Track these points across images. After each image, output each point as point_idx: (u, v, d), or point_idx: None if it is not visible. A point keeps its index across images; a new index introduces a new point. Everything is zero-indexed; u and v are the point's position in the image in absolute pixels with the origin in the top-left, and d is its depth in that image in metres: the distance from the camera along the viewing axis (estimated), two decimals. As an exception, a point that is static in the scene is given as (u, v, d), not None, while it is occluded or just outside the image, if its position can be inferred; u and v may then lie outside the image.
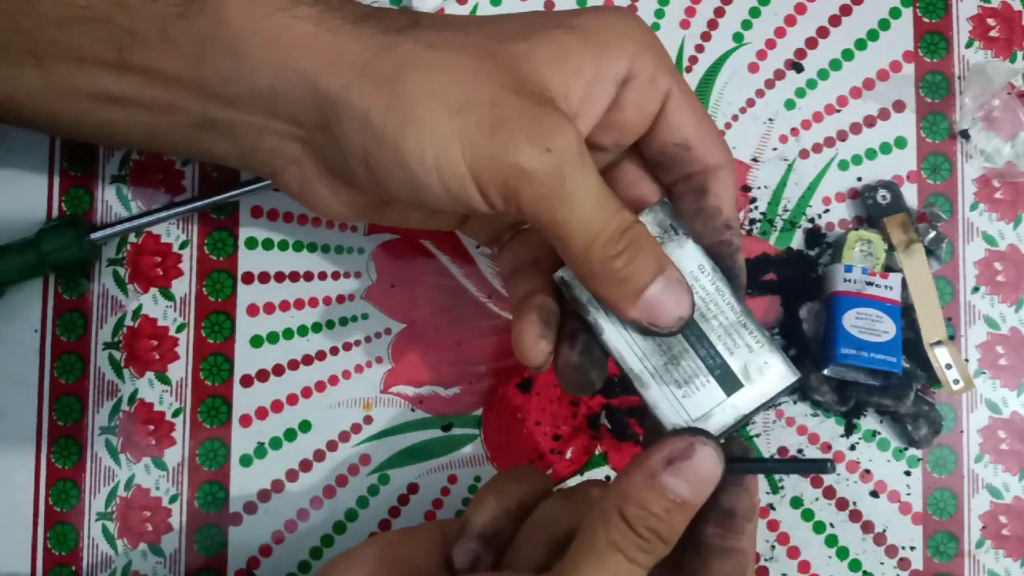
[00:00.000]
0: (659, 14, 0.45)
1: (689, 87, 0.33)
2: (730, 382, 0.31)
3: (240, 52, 0.31)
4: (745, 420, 0.31)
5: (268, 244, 0.43)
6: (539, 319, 0.32)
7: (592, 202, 0.29)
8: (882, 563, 0.42)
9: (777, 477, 0.43)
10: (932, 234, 0.43)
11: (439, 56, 0.30)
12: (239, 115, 0.32)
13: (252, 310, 0.43)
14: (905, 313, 0.42)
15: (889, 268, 0.42)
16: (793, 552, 0.42)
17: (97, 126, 0.34)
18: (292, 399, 0.43)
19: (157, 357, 0.43)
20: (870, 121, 0.44)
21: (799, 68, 0.45)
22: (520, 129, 0.28)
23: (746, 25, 0.45)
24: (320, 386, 0.43)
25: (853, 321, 0.41)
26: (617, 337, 0.31)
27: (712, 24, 0.45)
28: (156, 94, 0.32)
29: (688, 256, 0.31)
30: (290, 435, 0.42)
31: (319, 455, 0.42)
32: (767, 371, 0.31)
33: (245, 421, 0.42)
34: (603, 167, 0.34)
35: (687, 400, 0.31)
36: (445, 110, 0.29)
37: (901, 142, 0.44)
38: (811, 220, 0.44)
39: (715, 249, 0.32)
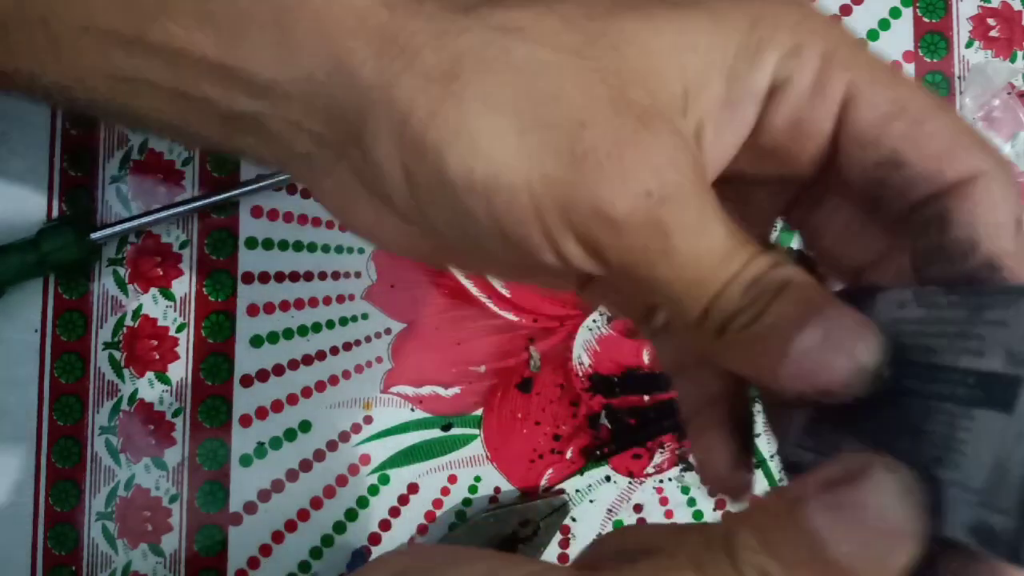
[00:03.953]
0: (659, 14, 0.45)
1: (897, 73, 0.22)
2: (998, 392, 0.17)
3: (284, 27, 0.23)
4: None
5: (268, 244, 0.43)
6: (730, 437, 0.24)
7: (710, 254, 0.21)
8: (882, 563, 0.42)
9: (777, 478, 0.43)
10: (932, 234, 0.43)
11: (514, 47, 0.22)
12: (270, 108, 0.24)
13: (252, 310, 0.43)
14: (905, 313, 0.42)
15: (889, 268, 0.42)
16: (793, 552, 0.42)
17: (118, 111, 0.27)
18: (292, 399, 0.43)
19: (157, 357, 0.43)
20: (870, 121, 0.44)
21: (799, 68, 0.44)
22: (613, 161, 0.21)
23: (746, 25, 0.45)
24: (320, 386, 0.43)
25: (853, 321, 0.40)
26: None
27: (712, 24, 0.45)
28: (178, 79, 0.25)
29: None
30: (290, 435, 0.42)
31: (319, 455, 0.42)
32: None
33: (245, 421, 0.42)
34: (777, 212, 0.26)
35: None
36: (512, 126, 0.21)
37: (901, 142, 0.44)
38: (811, 220, 0.44)
39: None
